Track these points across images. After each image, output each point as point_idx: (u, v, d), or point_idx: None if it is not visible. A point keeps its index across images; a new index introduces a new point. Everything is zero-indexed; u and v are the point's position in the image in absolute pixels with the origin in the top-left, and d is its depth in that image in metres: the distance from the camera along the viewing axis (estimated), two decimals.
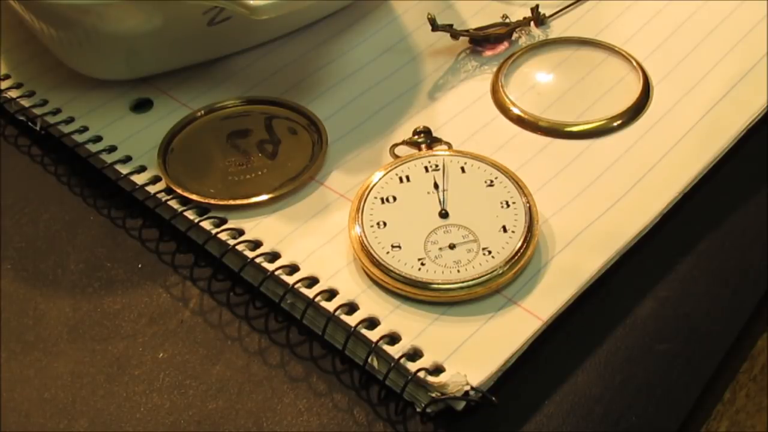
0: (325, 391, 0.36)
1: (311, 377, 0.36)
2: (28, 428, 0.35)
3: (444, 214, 0.39)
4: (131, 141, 0.44)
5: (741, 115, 0.43)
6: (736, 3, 0.49)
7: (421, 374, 0.34)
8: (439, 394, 0.34)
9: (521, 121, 0.44)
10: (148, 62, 0.45)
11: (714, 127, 0.43)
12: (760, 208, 0.41)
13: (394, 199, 0.39)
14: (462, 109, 0.45)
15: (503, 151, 0.42)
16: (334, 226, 0.39)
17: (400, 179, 0.40)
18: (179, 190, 0.41)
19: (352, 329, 0.36)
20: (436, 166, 0.40)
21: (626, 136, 0.43)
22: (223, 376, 0.36)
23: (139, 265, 0.40)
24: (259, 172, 0.42)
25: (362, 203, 0.39)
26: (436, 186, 0.40)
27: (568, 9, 0.49)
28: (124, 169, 0.42)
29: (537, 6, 0.48)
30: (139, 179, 0.42)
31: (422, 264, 0.37)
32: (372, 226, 0.38)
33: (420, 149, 0.42)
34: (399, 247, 0.37)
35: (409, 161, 0.41)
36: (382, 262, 0.37)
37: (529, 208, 0.38)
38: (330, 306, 0.36)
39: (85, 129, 0.44)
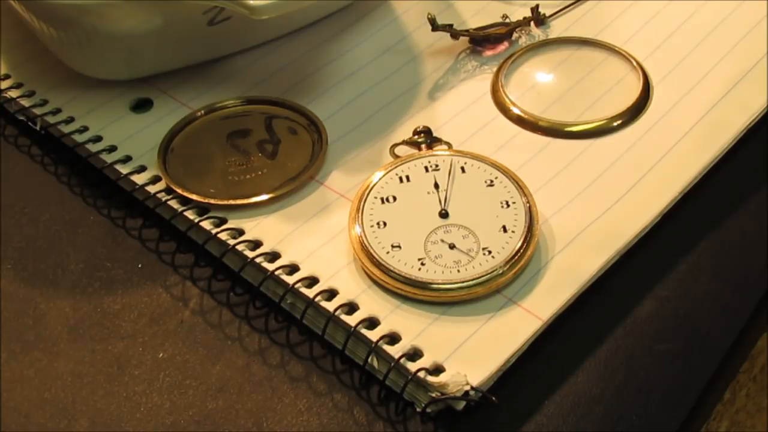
0: (325, 391, 0.36)
1: (311, 377, 0.36)
2: (28, 428, 0.35)
3: (444, 214, 0.39)
4: (131, 141, 0.44)
5: (741, 115, 0.43)
6: (736, 3, 0.49)
7: (421, 374, 0.34)
8: (439, 394, 0.34)
9: (521, 121, 0.44)
10: (148, 62, 0.45)
11: (714, 127, 0.43)
12: (760, 208, 0.41)
13: (394, 199, 0.39)
14: (462, 109, 0.45)
15: (503, 151, 0.42)
16: (334, 226, 0.39)
17: (400, 179, 0.40)
18: (179, 190, 0.41)
19: (352, 329, 0.36)
20: (436, 166, 0.40)
21: (626, 136, 0.43)
22: (223, 376, 0.36)
23: (139, 265, 0.40)
24: (259, 172, 0.42)
25: (362, 203, 0.39)
26: (436, 186, 0.40)
27: (568, 9, 0.49)
28: (124, 169, 0.42)
29: (537, 6, 0.48)
30: (139, 179, 0.42)
31: (422, 264, 0.37)
32: (372, 226, 0.38)
33: (420, 149, 0.42)
34: (399, 247, 0.37)
35: (409, 161, 0.41)
36: (382, 262, 0.37)
37: (529, 208, 0.38)
38: (330, 306, 0.36)
39: (85, 129, 0.44)
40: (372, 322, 0.36)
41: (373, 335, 0.35)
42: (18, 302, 0.39)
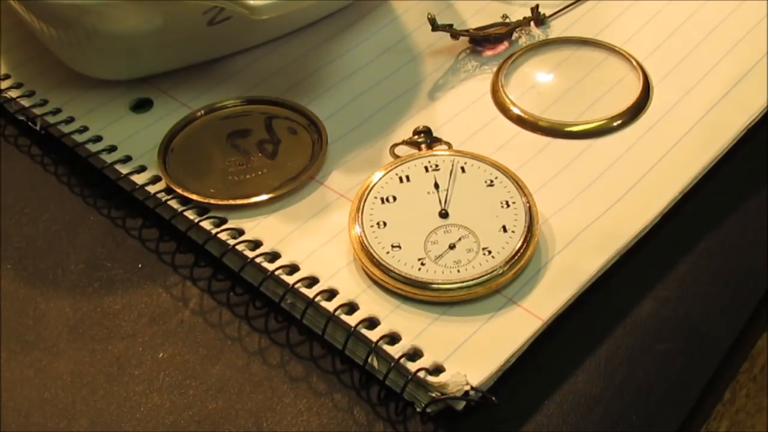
0: (325, 391, 0.36)
1: (311, 377, 0.36)
2: (28, 428, 0.35)
3: (444, 214, 0.39)
4: (131, 141, 0.44)
5: (741, 115, 0.43)
6: (736, 3, 0.49)
7: (421, 374, 0.34)
8: (439, 394, 0.34)
9: (521, 121, 0.44)
10: (148, 62, 0.45)
11: (714, 127, 0.43)
12: (760, 208, 0.41)
13: (394, 199, 0.39)
14: (462, 109, 0.45)
15: (503, 151, 0.42)
16: (334, 226, 0.39)
17: (400, 179, 0.40)
18: (179, 190, 0.41)
19: (352, 329, 0.36)
20: (436, 166, 0.40)
21: (626, 136, 0.43)
22: (223, 376, 0.36)
23: (139, 265, 0.40)
24: (259, 172, 0.42)
25: (362, 203, 0.39)
26: (436, 186, 0.40)
27: (568, 9, 0.49)
28: (124, 169, 0.42)
29: (537, 6, 0.48)
30: (139, 179, 0.42)
31: (422, 264, 0.37)
32: (372, 226, 0.38)
33: (420, 149, 0.42)
34: (399, 247, 0.37)
35: (409, 161, 0.41)
36: (382, 262, 0.37)
37: (529, 208, 0.38)
38: (330, 306, 0.36)
39: (85, 129, 0.44)
40: (372, 322, 0.36)
41: (373, 335, 0.35)
42: (18, 302, 0.39)
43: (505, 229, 0.38)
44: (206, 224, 0.40)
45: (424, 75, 0.46)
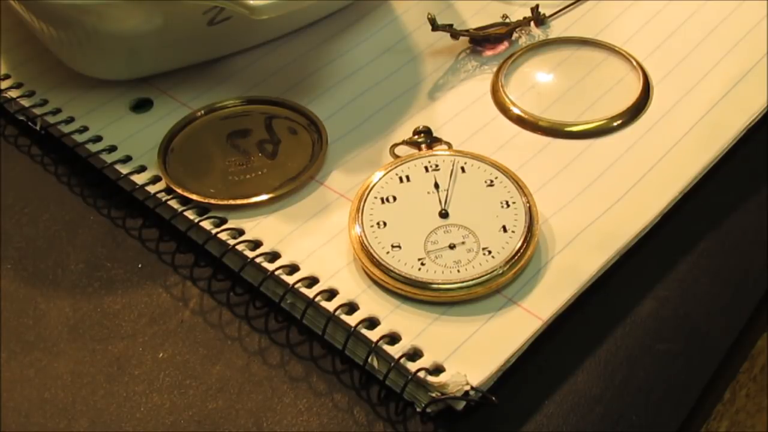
0: (325, 391, 0.36)
1: (311, 377, 0.36)
2: (28, 428, 0.35)
3: (444, 214, 0.39)
4: (131, 141, 0.44)
5: (741, 115, 0.43)
6: (736, 3, 0.49)
7: (421, 374, 0.34)
8: (439, 394, 0.34)
9: (521, 121, 0.44)
10: (148, 62, 0.45)
11: (714, 127, 0.43)
12: (760, 208, 0.41)
13: (394, 199, 0.39)
14: (462, 109, 0.45)
15: (503, 151, 0.42)
16: (334, 226, 0.39)
17: (400, 179, 0.40)
18: (179, 190, 0.41)
19: (352, 329, 0.36)
20: (436, 166, 0.40)
21: (626, 136, 0.43)
22: (223, 376, 0.36)
23: (139, 265, 0.40)
24: (259, 172, 0.42)
25: (362, 203, 0.39)
26: (436, 186, 0.40)
27: (568, 9, 0.49)
28: (124, 169, 0.42)
29: (537, 6, 0.48)
30: (139, 179, 0.42)
31: (422, 264, 0.37)
32: (372, 226, 0.38)
33: (420, 149, 0.42)
34: (399, 247, 0.37)
35: (409, 161, 0.41)
36: (382, 262, 0.37)
37: (529, 208, 0.38)
38: (330, 306, 0.36)
39: (85, 129, 0.44)
40: (372, 322, 0.36)
41: (373, 335, 0.35)
42: (18, 302, 0.39)
43: (505, 229, 0.38)
44: (206, 224, 0.40)
45: (424, 75, 0.46)
